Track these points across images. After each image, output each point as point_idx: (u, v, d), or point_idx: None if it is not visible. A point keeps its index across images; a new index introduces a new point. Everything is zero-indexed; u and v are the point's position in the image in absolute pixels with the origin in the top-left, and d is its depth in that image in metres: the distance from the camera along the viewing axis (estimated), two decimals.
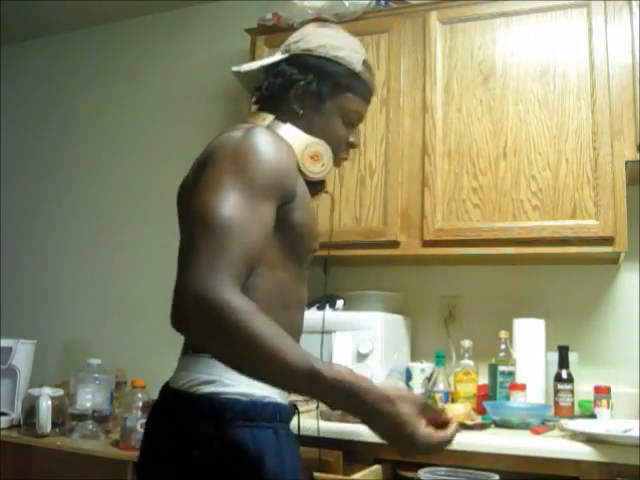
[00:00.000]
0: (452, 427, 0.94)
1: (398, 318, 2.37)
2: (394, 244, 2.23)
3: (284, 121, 1.25)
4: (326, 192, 1.36)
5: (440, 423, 0.94)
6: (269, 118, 1.26)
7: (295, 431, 1.20)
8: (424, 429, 0.91)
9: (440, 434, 0.93)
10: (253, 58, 2.54)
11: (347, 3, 2.37)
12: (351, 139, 1.34)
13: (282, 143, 1.14)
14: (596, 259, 2.21)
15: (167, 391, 1.16)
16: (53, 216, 3.28)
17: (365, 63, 1.32)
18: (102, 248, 3.12)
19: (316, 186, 1.29)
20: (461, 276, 2.46)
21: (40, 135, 3.41)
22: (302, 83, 1.26)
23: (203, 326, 0.89)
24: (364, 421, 0.93)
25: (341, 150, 1.33)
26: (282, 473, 1.08)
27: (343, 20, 2.31)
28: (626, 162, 2.00)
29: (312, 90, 1.26)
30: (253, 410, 1.08)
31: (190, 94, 3.06)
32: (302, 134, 1.25)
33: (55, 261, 3.22)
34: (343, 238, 2.19)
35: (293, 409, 1.22)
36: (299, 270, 1.20)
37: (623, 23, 2.06)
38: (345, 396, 0.90)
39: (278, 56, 1.30)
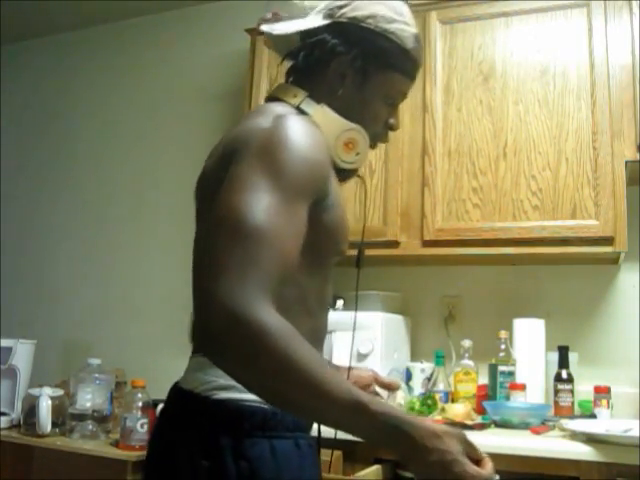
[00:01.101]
0: (489, 464, 0.87)
1: (398, 318, 2.37)
2: (394, 244, 2.23)
3: (318, 100, 1.11)
4: (358, 176, 1.21)
5: (475, 460, 0.86)
6: (300, 95, 1.11)
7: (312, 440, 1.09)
8: (473, 467, 0.84)
9: (485, 472, 0.85)
10: (253, 58, 2.54)
11: None
12: (391, 121, 1.20)
13: (317, 135, 1.01)
14: (596, 259, 2.20)
15: (177, 393, 1.06)
16: (53, 216, 3.28)
17: (416, 38, 1.16)
18: (102, 248, 3.12)
19: (346, 172, 1.15)
20: (461, 276, 2.46)
21: (40, 135, 3.41)
22: (346, 58, 1.11)
23: (234, 348, 0.79)
24: (407, 458, 0.84)
25: (380, 133, 1.19)
26: None
27: None
28: (626, 162, 2.00)
29: (356, 67, 1.12)
30: (273, 419, 0.98)
31: (190, 94, 3.06)
32: (338, 118, 1.10)
33: (55, 261, 3.22)
34: None
35: None
36: (325, 273, 1.09)
37: (623, 23, 2.07)
38: (390, 431, 0.82)
39: (319, 20, 1.13)
